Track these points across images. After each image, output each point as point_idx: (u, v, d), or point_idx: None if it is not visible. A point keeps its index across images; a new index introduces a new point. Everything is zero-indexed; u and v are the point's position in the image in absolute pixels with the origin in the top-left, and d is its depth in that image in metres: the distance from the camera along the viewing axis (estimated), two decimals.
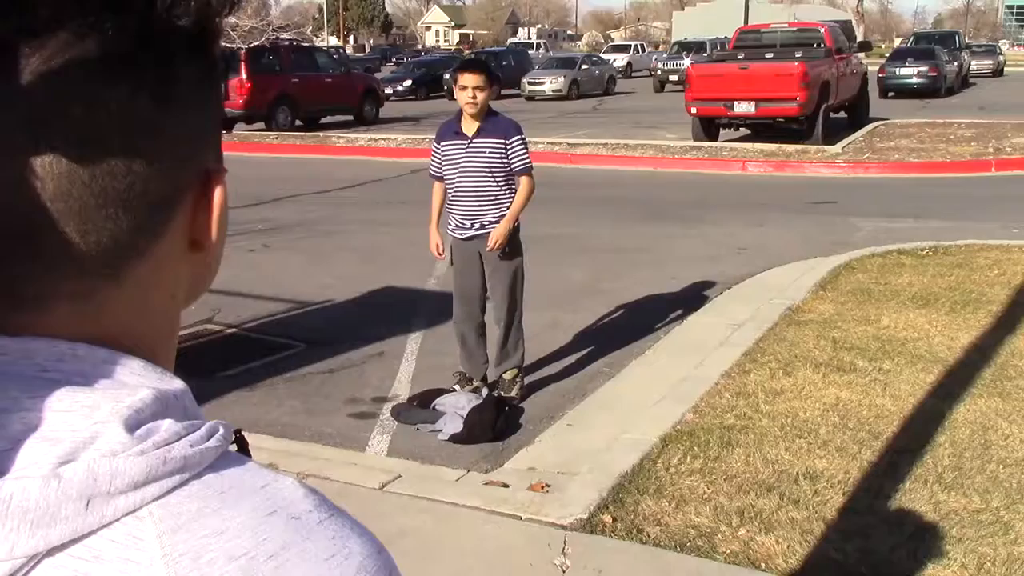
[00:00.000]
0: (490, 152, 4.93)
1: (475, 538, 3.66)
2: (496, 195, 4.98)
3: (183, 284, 0.62)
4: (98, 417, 0.52)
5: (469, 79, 4.86)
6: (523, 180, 5.00)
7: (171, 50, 0.56)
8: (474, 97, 4.85)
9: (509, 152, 4.94)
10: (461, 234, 5.07)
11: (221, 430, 0.57)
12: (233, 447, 0.59)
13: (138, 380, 0.56)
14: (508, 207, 4.99)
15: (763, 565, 3.43)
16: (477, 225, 5.01)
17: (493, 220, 4.98)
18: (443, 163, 5.06)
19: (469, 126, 4.96)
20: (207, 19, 0.57)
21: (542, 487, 4.08)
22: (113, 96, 0.53)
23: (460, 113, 5.00)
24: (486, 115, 4.96)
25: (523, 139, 5.02)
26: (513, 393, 5.19)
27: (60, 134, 0.52)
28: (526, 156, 5.00)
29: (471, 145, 4.95)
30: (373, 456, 4.62)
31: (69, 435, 0.52)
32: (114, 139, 0.53)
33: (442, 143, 5.08)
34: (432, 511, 3.87)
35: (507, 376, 5.21)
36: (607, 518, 3.75)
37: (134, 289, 0.58)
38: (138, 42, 0.53)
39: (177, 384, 0.58)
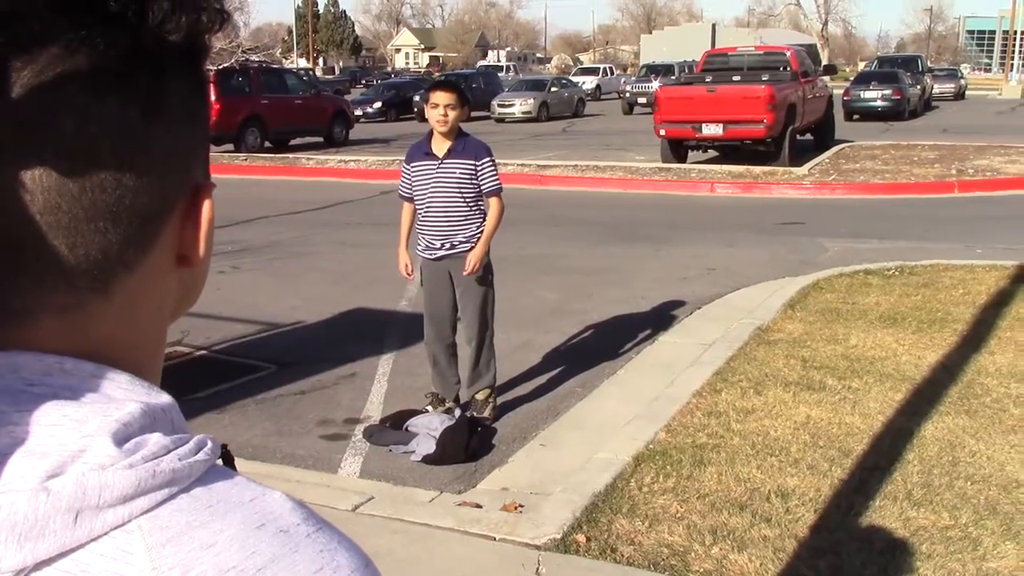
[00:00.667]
0: (460, 173, 4.95)
1: (449, 559, 3.65)
2: (466, 215, 4.99)
3: (170, 299, 0.62)
4: (86, 431, 0.52)
5: (441, 97, 4.88)
6: (492, 201, 5.02)
7: (161, 65, 0.56)
8: (445, 115, 4.87)
9: (479, 173, 4.96)
10: (431, 254, 5.07)
11: (209, 444, 0.57)
12: (219, 461, 0.59)
13: (126, 394, 0.56)
14: (478, 227, 5.00)
15: None
16: (447, 245, 5.02)
17: (463, 240, 4.99)
18: (413, 183, 5.07)
19: (440, 146, 4.98)
20: (197, 35, 0.58)
21: (515, 507, 4.07)
22: (103, 110, 0.53)
23: (430, 134, 5.01)
24: (456, 136, 4.98)
25: (493, 160, 5.04)
26: (486, 413, 5.19)
27: (50, 147, 0.52)
28: (496, 177, 5.03)
29: (441, 166, 4.96)
30: (345, 478, 4.60)
31: (57, 449, 0.51)
32: (104, 153, 0.53)
33: (412, 163, 5.08)
34: (405, 532, 3.85)
35: (480, 396, 5.21)
36: (581, 538, 3.75)
37: (122, 303, 0.58)
38: (129, 57, 0.54)
39: (164, 398, 0.58)
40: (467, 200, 4.98)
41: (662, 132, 17.23)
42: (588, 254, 9.99)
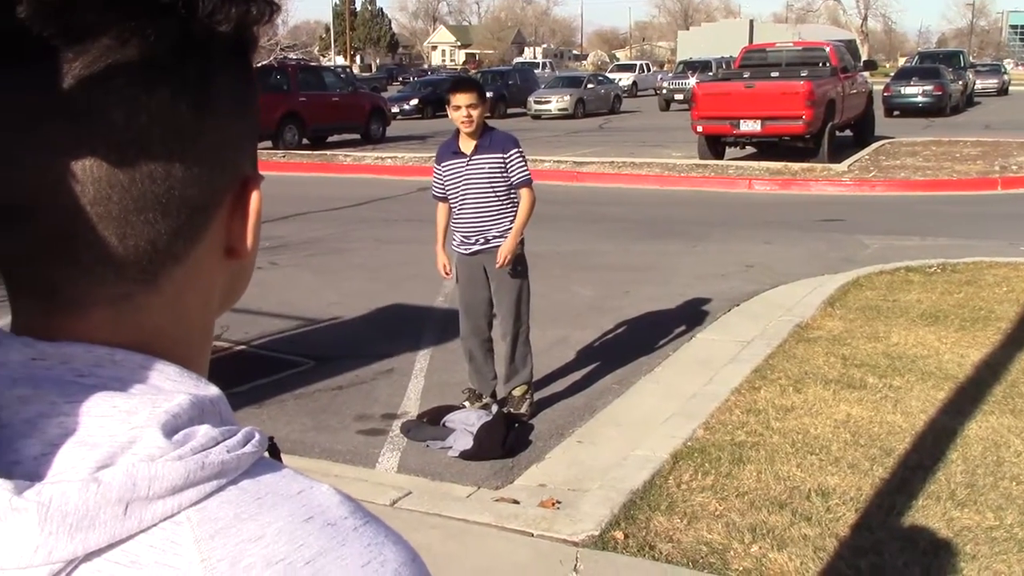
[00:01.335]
0: (489, 168, 4.96)
1: (487, 555, 3.65)
2: (499, 209, 5.00)
3: (218, 291, 0.62)
4: (136, 422, 0.52)
5: (462, 98, 4.89)
6: (524, 192, 5.02)
7: (211, 57, 0.56)
8: (469, 115, 4.88)
9: (508, 166, 4.97)
10: (466, 249, 5.08)
11: (257, 436, 0.57)
12: (266, 454, 0.59)
13: (174, 385, 0.56)
14: (511, 220, 5.00)
15: None
16: (481, 240, 5.03)
17: (497, 234, 5.00)
18: (445, 182, 5.09)
19: (467, 144, 4.99)
20: (246, 27, 0.57)
21: (553, 503, 4.07)
22: (153, 101, 0.53)
23: (457, 133, 5.03)
24: (482, 131, 4.98)
25: (521, 152, 5.04)
26: (523, 410, 5.18)
27: (101, 138, 0.52)
28: (525, 168, 5.03)
29: (471, 162, 4.97)
30: (383, 473, 4.61)
31: (107, 440, 0.52)
32: (154, 144, 0.53)
33: (442, 163, 5.11)
34: (443, 527, 3.86)
35: (516, 392, 5.20)
36: (619, 535, 3.74)
37: (171, 295, 0.58)
38: (179, 48, 0.54)
39: (212, 390, 0.58)
40: (498, 194, 4.99)
41: (699, 128, 17.13)
42: (625, 251, 9.96)
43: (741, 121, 16.45)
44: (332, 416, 5.36)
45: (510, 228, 4.99)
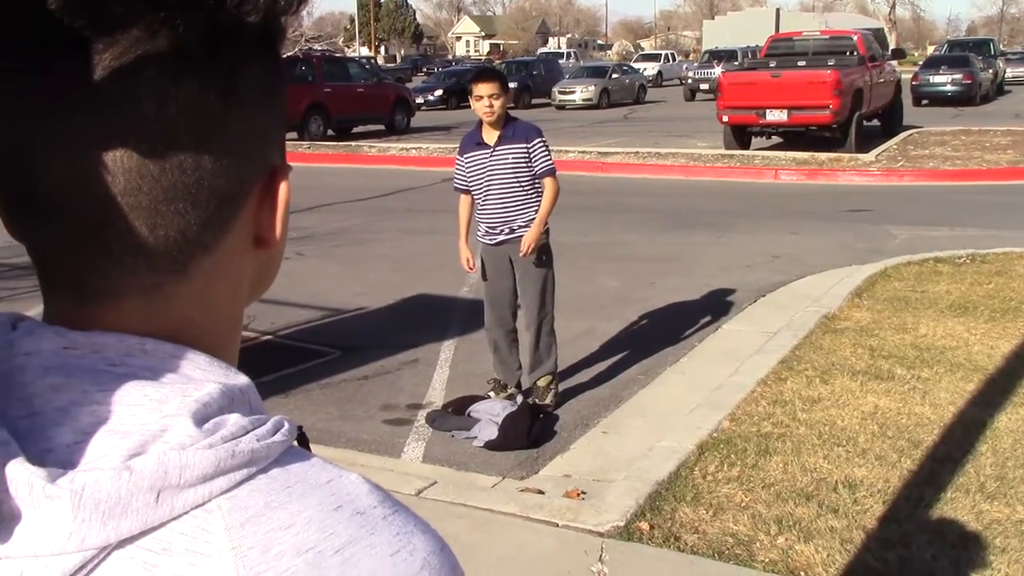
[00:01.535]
0: (513, 158, 4.95)
1: (512, 545, 3.66)
2: (524, 199, 5.00)
3: (247, 281, 0.63)
4: (166, 411, 0.53)
5: (484, 88, 4.88)
6: (547, 182, 5.01)
7: (239, 47, 0.56)
8: (491, 106, 4.87)
9: (531, 156, 4.96)
10: (491, 240, 5.08)
11: (286, 425, 0.57)
12: (294, 443, 0.59)
13: (204, 375, 0.56)
14: (536, 210, 4.99)
15: (802, 574, 3.40)
16: (506, 230, 5.03)
17: (522, 224, 4.99)
18: (468, 174, 5.09)
19: (490, 135, 4.99)
20: (274, 17, 0.57)
21: (578, 494, 4.07)
22: (182, 92, 0.53)
23: (480, 123, 5.02)
24: (505, 122, 4.98)
25: (544, 141, 5.03)
26: (548, 400, 5.18)
27: (131, 129, 0.52)
28: (548, 158, 5.01)
29: (494, 153, 4.97)
30: (409, 462, 4.63)
31: (139, 428, 0.52)
32: (183, 135, 0.54)
33: (465, 155, 5.11)
34: (469, 517, 3.87)
35: (541, 383, 5.20)
36: (644, 525, 3.73)
37: (200, 285, 0.58)
38: (207, 39, 0.54)
39: (242, 379, 0.58)
40: (523, 184, 4.99)
41: (725, 118, 17.03)
42: (650, 241, 9.93)
43: (767, 111, 16.34)
44: (358, 406, 5.38)
45: (535, 218, 4.99)
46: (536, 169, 4.97)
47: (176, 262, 0.56)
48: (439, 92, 35.25)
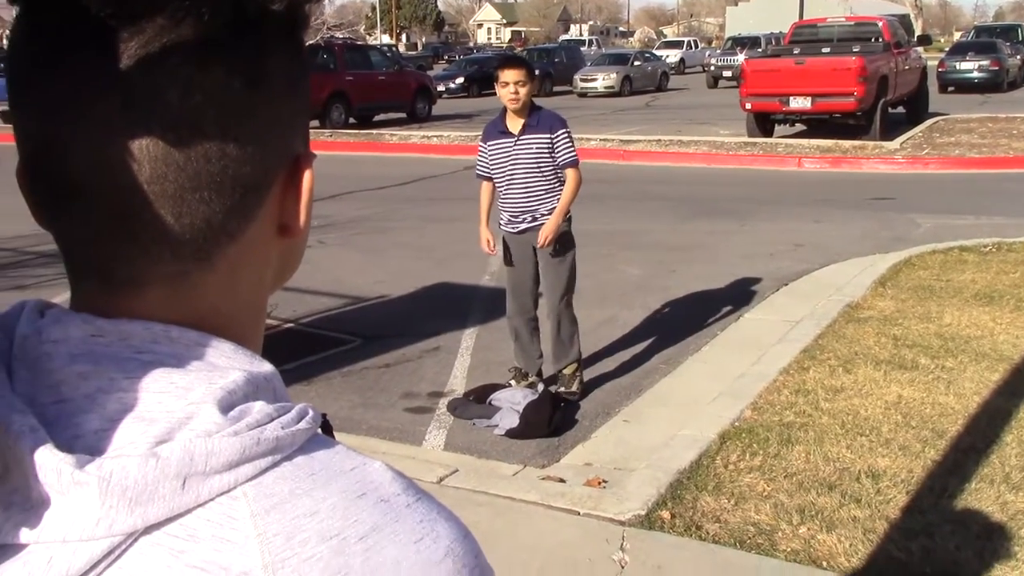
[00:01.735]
0: (536, 148, 4.94)
1: (533, 532, 3.66)
2: (546, 188, 4.99)
3: (271, 269, 0.63)
4: (192, 398, 0.53)
5: (510, 75, 4.86)
6: (569, 173, 4.98)
7: (263, 36, 0.56)
8: (516, 93, 4.85)
9: (555, 146, 4.94)
10: (514, 228, 5.08)
11: (310, 413, 0.57)
12: (319, 431, 0.60)
13: (229, 362, 0.56)
14: (558, 198, 4.98)
15: (824, 563, 3.39)
16: (529, 218, 5.02)
17: (545, 212, 4.98)
18: (491, 162, 5.08)
19: (514, 123, 4.97)
20: (298, 5, 0.58)
21: (599, 483, 4.07)
22: (208, 81, 0.53)
23: (504, 111, 5.01)
24: (530, 111, 4.96)
25: (568, 132, 5.00)
26: (573, 388, 5.18)
27: (157, 117, 0.52)
28: (572, 149, 4.99)
29: (518, 142, 4.95)
30: (430, 450, 4.65)
31: (165, 416, 0.52)
32: (208, 123, 0.54)
33: (488, 142, 5.10)
34: (490, 505, 3.88)
35: (567, 371, 5.20)
36: (665, 514, 3.73)
37: (225, 273, 0.58)
38: (232, 27, 0.54)
39: (267, 367, 0.59)
40: (545, 174, 4.97)
41: (748, 106, 16.92)
42: (672, 229, 9.89)
43: (791, 98, 16.22)
44: (379, 394, 5.40)
45: (556, 207, 4.98)
46: (559, 160, 4.96)
47: (201, 250, 0.56)
48: (460, 80, 35.20)
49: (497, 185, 5.10)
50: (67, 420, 0.52)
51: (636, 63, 35.35)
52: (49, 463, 0.49)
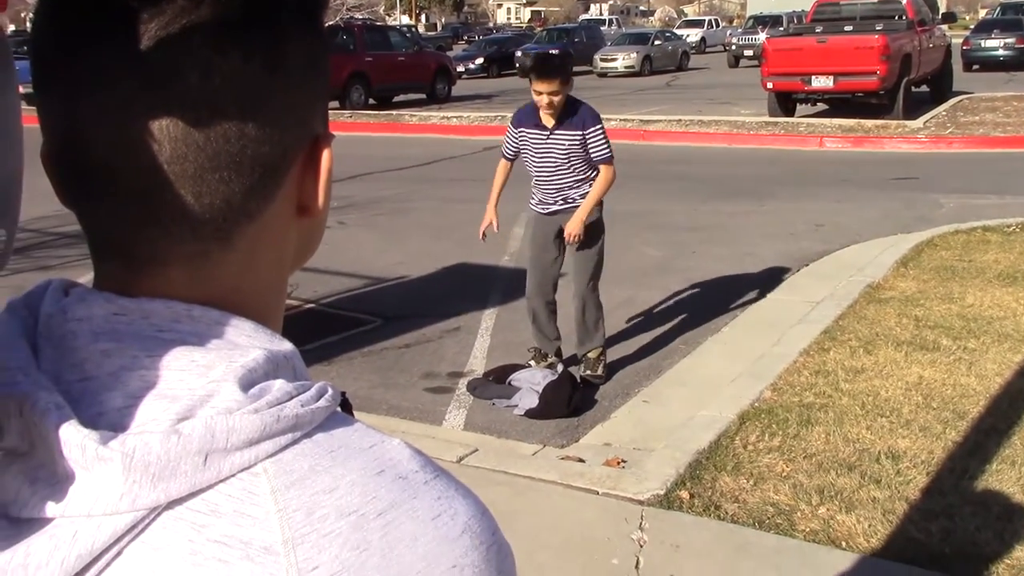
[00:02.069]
0: (568, 144, 4.89)
1: (552, 512, 3.68)
2: (579, 179, 4.98)
3: (291, 249, 0.63)
4: (213, 376, 0.54)
5: (543, 87, 4.76)
6: (603, 169, 4.95)
7: (282, 17, 0.56)
8: (551, 103, 4.78)
9: (587, 143, 4.88)
10: (544, 209, 5.06)
11: (330, 391, 0.58)
12: (338, 409, 0.60)
13: (250, 341, 0.57)
14: (591, 184, 4.96)
15: (844, 544, 3.39)
16: (561, 200, 5.00)
17: (579, 196, 4.96)
18: (520, 147, 5.04)
19: (548, 118, 4.91)
20: None
21: (618, 463, 4.08)
22: (227, 62, 0.54)
23: (534, 103, 4.92)
24: (565, 104, 4.88)
25: (601, 128, 4.92)
26: (599, 372, 5.17)
27: (177, 98, 0.53)
28: (605, 146, 4.91)
29: (551, 137, 4.91)
30: (450, 430, 4.67)
31: (186, 393, 0.53)
32: (227, 104, 0.54)
33: (520, 128, 5.03)
34: (510, 484, 3.89)
35: (591, 355, 5.18)
36: (684, 494, 3.74)
37: (245, 252, 0.59)
38: (251, 8, 0.54)
39: (287, 346, 0.59)
40: (576, 167, 4.95)
41: (769, 85, 16.78)
42: (692, 210, 9.85)
43: (813, 77, 16.08)
44: (399, 374, 5.43)
45: (588, 192, 4.96)
46: (592, 156, 4.91)
47: (221, 230, 0.57)
48: (480, 60, 35.10)
49: (528, 168, 5.07)
50: (91, 398, 0.53)
51: (656, 42, 35.12)
52: (74, 439, 0.50)
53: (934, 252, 7.46)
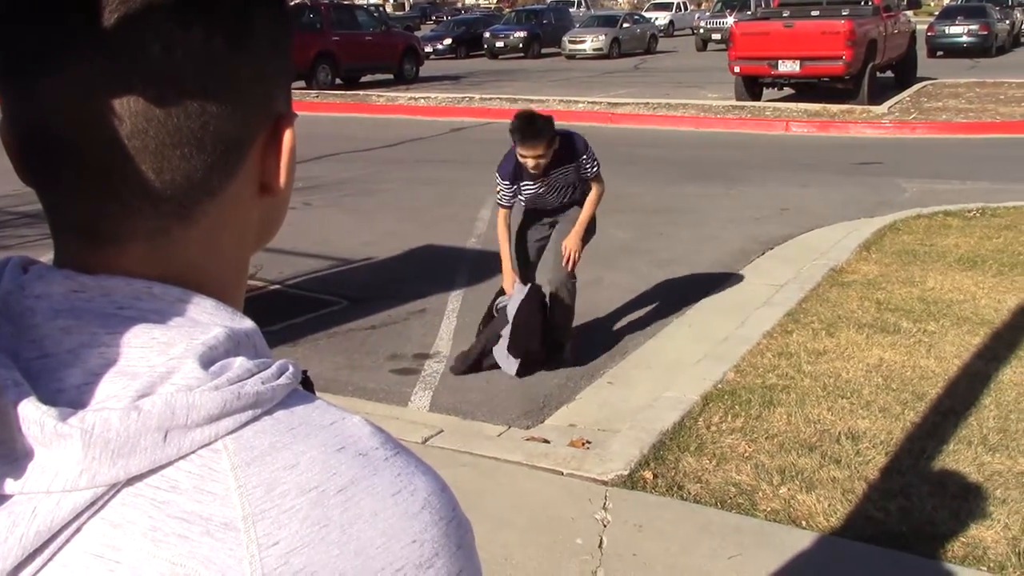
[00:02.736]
0: (565, 177, 4.95)
1: (517, 492, 3.70)
2: (576, 198, 5.08)
3: (253, 228, 0.63)
4: (174, 353, 0.54)
5: (529, 152, 4.68)
6: (594, 185, 5.02)
7: None
8: (537, 165, 4.75)
9: (581, 168, 4.94)
10: (538, 218, 5.18)
11: (291, 368, 0.58)
12: (299, 386, 0.60)
13: (210, 319, 0.57)
14: (584, 193, 5.05)
15: (804, 523, 3.44)
16: (560, 209, 5.14)
17: (574, 201, 5.07)
18: (518, 196, 4.99)
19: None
20: None
21: (583, 443, 4.11)
22: (189, 38, 0.54)
23: (516, 157, 4.85)
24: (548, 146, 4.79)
25: (590, 151, 4.95)
26: (568, 358, 5.17)
27: (138, 73, 0.53)
28: (596, 166, 4.98)
29: (547, 180, 4.92)
30: (415, 411, 4.67)
31: (147, 370, 0.53)
32: (189, 80, 0.54)
33: (515, 183, 4.91)
34: (475, 465, 3.91)
35: (563, 342, 5.20)
36: (648, 474, 3.77)
37: (206, 229, 0.59)
38: None
39: (248, 323, 0.59)
40: (575, 189, 5.04)
41: (737, 69, 16.85)
42: (659, 192, 9.89)
43: (779, 61, 16.16)
44: (365, 355, 5.42)
45: (583, 199, 5.03)
46: (582, 175, 4.98)
47: (181, 206, 0.57)
48: (448, 41, 34.90)
49: (522, 200, 5.04)
50: (50, 375, 0.53)
51: (625, 25, 35.05)
52: (32, 416, 0.50)
53: (896, 236, 7.55)
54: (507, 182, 4.93)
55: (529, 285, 5.06)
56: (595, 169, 4.97)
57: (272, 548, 0.51)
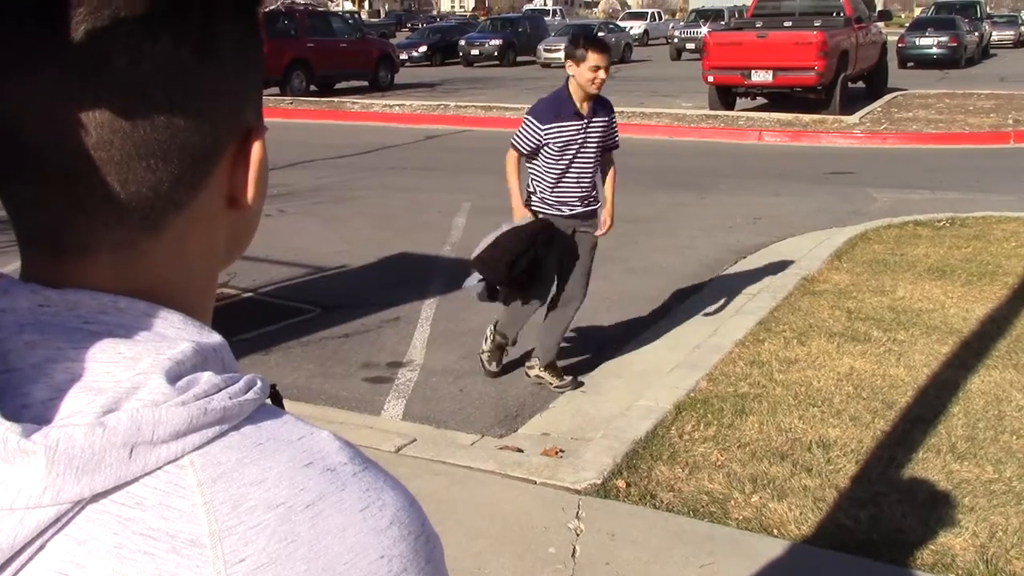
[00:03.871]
0: (601, 130, 4.81)
1: (490, 501, 3.69)
2: (596, 173, 4.91)
3: (221, 242, 0.63)
4: (140, 368, 0.53)
5: (601, 59, 4.61)
6: (612, 157, 4.97)
7: (216, 5, 0.56)
8: (603, 79, 4.66)
9: (611, 127, 4.87)
10: (569, 211, 4.83)
11: (259, 383, 0.58)
12: (268, 401, 0.60)
13: (178, 333, 0.57)
14: (599, 182, 4.95)
15: (775, 531, 3.46)
16: (581, 204, 4.86)
17: (594, 195, 4.91)
18: (551, 144, 4.72)
19: (583, 106, 4.75)
20: None
21: (556, 452, 4.11)
22: (156, 49, 0.53)
23: (568, 94, 4.72)
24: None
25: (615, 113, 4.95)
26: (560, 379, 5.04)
27: (104, 85, 0.52)
28: (618, 132, 4.96)
29: (589, 126, 4.76)
30: (388, 420, 4.66)
31: (112, 385, 0.52)
32: (156, 91, 0.54)
33: (551, 124, 4.70)
34: (447, 474, 3.90)
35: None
36: (621, 483, 3.78)
37: (173, 243, 0.58)
38: None
39: (215, 338, 0.59)
40: (598, 158, 4.87)
41: (710, 79, 16.96)
42: (633, 201, 9.88)
43: (753, 71, 16.29)
44: (338, 364, 5.39)
45: (598, 190, 4.94)
46: (609, 143, 4.89)
47: (148, 218, 0.57)
48: (423, 48, 34.90)
49: (552, 169, 4.77)
50: (15, 390, 0.52)
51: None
52: None
53: (867, 246, 7.61)
54: (537, 122, 4.72)
55: (538, 219, 4.79)
56: (617, 137, 4.97)
57: (239, 565, 0.51)
